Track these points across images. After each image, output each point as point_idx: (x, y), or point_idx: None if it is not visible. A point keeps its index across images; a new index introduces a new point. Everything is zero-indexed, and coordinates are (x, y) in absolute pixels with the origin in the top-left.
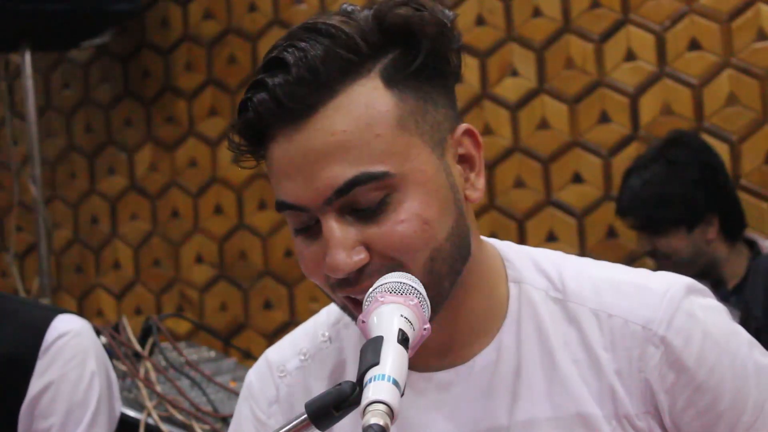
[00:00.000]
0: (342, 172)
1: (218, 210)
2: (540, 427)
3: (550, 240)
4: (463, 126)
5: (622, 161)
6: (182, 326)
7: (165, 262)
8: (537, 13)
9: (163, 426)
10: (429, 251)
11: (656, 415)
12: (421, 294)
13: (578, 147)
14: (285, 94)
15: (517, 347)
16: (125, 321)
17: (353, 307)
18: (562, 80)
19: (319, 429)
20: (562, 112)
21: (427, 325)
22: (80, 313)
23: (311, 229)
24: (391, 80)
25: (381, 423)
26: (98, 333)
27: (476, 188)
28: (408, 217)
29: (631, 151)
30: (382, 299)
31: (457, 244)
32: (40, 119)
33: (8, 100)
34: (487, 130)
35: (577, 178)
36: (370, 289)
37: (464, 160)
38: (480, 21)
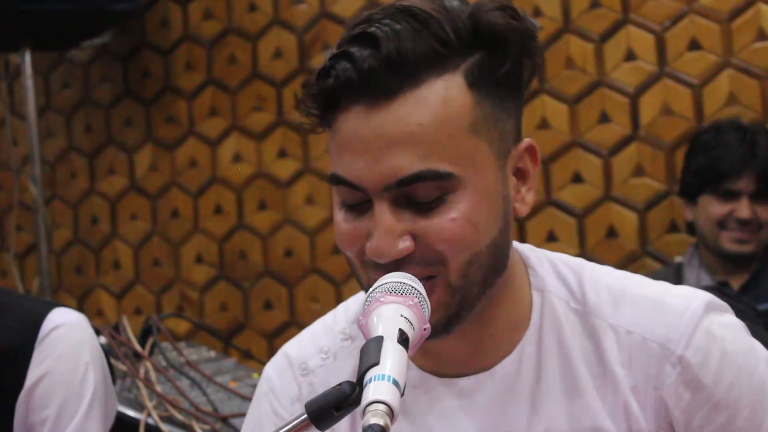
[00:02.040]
0: (409, 164)
1: (218, 210)
2: None
3: (550, 240)
4: (527, 141)
5: (622, 161)
6: (182, 326)
7: (165, 262)
8: (537, 13)
9: (163, 426)
10: (469, 254)
11: (671, 431)
12: (421, 294)
13: (578, 147)
14: (371, 70)
15: (538, 357)
16: (125, 321)
17: None
18: (562, 80)
19: (319, 429)
20: (562, 112)
21: (427, 325)
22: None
23: (359, 207)
24: (473, 82)
25: (381, 423)
26: (98, 333)
27: (525, 203)
28: (458, 216)
29: (631, 151)
30: (382, 299)
31: (496, 254)
32: (40, 119)
33: (8, 100)
34: None
35: (577, 178)
36: (370, 289)
37: (520, 173)
38: None
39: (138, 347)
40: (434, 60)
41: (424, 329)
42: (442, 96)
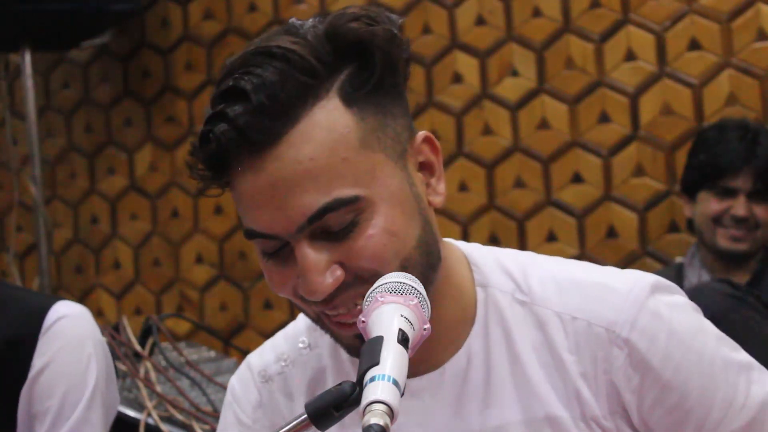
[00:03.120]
0: (313, 200)
1: (218, 210)
2: (511, 431)
3: (550, 240)
4: (422, 133)
5: (622, 161)
6: (182, 326)
7: (165, 262)
8: (537, 13)
9: (163, 426)
10: (399, 260)
11: (624, 415)
12: (421, 294)
13: (578, 147)
14: (247, 124)
15: (486, 353)
16: (125, 321)
17: (327, 319)
18: (562, 80)
19: (319, 429)
20: (562, 112)
21: (427, 325)
22: None
23: (281, 252)
24: (349, 99)
25: (381, 423)
26: None
27: (438, 193)
28: (375, 232)
29: (631, 151)
30: (382, 299)
31: (426, 251)
32: (40, 119)
33: (8, 100)
34: (487, 130)
35: (577, 178)
36: (371, 290)
37: (424, 166)
38: (480, 21)
39: (138, 347)
40: (305, 93)
41: (424, 329)
42: (324, 124)
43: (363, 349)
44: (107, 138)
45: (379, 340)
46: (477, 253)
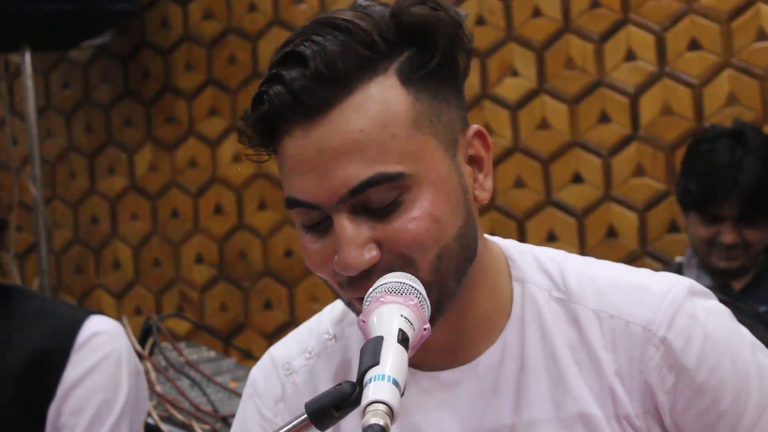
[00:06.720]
0: (357, 172)
1: (218, 210)
2: (543, 427)
3: (550, 240)
4: (474, 127)
5: (622, 161)
6: (182, 326)
7: (165, 262)
8: (537, 13)
9: (163, 426)
10: (437, 249)
11: (656, 415)
12: (421, 294)
13: (578, 147)
14: (302, 88)
15: (521, 347)
16: (125, 321)
17: (360, 306)
18: (562, 80)
19: (319, 429)
20: (562, 112)
21: (427, 325)
22: None
23: (320, 226)
24: (407, 79)
25: (381, 423)
26: None
27: (485, 189)
28: (419, 215)
29: (631, 151)
30: (382, 299)
31: (464, 244)
32: (40, 119)
33: (8, 100)
34: (487, 130)
35: (577, 178)
36: (370, 289)
37: (473, 160)
38: (480, 21)
39: (138, 347)
40: (364, 66)
41: (424, 329)
42: (378, 99)
43: (363, 349)
44: (107, 138)
45: (379, 340)
46: (514, 248)
